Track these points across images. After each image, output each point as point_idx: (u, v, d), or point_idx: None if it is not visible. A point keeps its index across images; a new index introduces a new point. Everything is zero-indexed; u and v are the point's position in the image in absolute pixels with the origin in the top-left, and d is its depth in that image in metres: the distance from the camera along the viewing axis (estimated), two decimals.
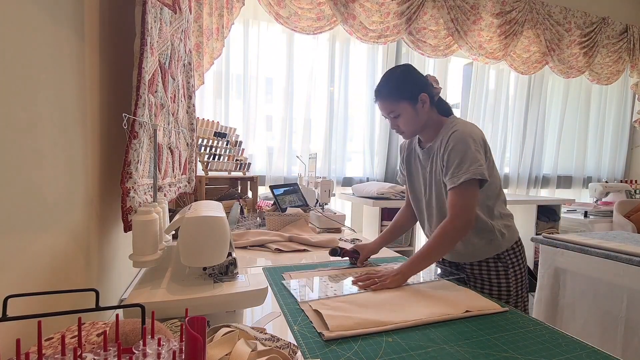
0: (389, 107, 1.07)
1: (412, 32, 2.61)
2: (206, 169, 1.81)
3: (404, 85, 1.07)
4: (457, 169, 0.97)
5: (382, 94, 1.08)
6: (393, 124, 1.10)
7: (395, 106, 1.06)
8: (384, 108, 1.09)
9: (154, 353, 0.40)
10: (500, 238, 1.09)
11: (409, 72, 1.10)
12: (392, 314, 0.77)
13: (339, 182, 2.66)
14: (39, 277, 0.53)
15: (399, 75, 1.09)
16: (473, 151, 0.98)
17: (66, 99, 0.61)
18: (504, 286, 1.10)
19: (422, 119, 1.08)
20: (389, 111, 1.08)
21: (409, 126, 1.08)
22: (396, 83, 1.08)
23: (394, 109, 1.06)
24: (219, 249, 0.68)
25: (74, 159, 0.65)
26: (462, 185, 0.96)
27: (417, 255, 0.99)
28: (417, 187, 1.19)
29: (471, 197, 0.97)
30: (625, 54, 3.41)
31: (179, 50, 1.15)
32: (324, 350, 0.63)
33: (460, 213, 0.96)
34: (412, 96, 1.05)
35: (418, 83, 1.08)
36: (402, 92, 1.06)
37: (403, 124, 1.08)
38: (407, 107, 1.06)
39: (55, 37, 0.57)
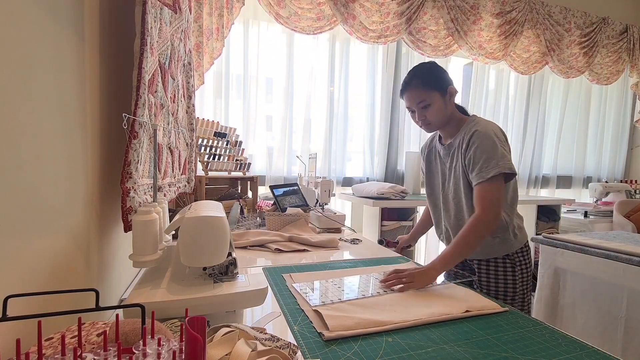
0: (421, 95, 1.09)
1: (412, 32, 2.61)
2: (206, 169, 1.81)
3: (436, 76, 1.11)
4: (486, 163, 0.99)
5: (414, 83, 1.11)
6: (420, 115, 1.12)
7: (427, 95, 1.09)
8: (415, 97, 1.10)
9: (154, 353, 0.40)
10: (513, 238, 1.11)
11: (438, 67, 1.14)
12: (392, 314, 0.77)
13: (339, 182, 2.66)
14: (39, 277, 0.53)
15: (430, 67, 1.13)
16: (499, 147, 1.01)
17: (66, 99, 0.61)
18: (510, 285, 1.11)
19: (449, 112, 1.12)
20: (419, 100, 1.10)
21: (437, 117, 1.11)
22: (429, 73, 1.11)
23: (425, 98, 1.09)
24: (219, 249, 0.68)
25: (74, 159, 0.65)
26: (491, 180, 0.98)
27: (447, 252, 0.98)
28: (435, 182, 1.23)
29: (499, 191, 1.00)
30: (625, 54, 3.41)
31: (179, 50, 1.15)
32: (324, 350, 0.63)
33: (490, 206, 0.98)
34: (443, 87, 1.09)
35: (446, 77, 1.12)
36: (434, 81, 1.10)
37: (432, 114, 1.10)
38: (438, 98, 1.09)
39: (56, 37, 0.57)
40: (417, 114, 1.13)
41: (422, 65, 1.16)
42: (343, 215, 1.75)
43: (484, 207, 0.99)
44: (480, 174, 1.00)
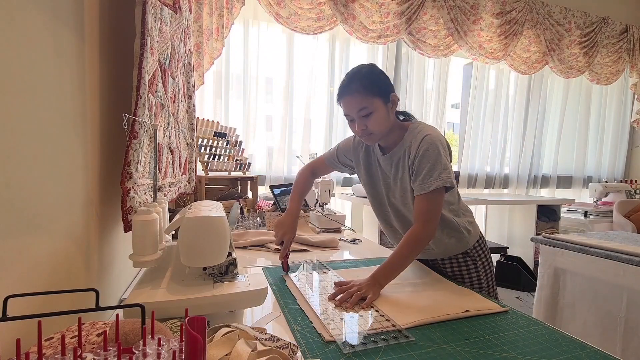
0: (362, 102, 0.97)
1: (412, 32, 2.61)
2: (206, 169, 1.81)
3: (378, 82, 1.00)
4: (428, 175, 0.95)
5: (353, 88, 0.98)
6: (360, 124, 0.99)
7: (368, 102, 0.97)
8: (355, 104, 0.98)
9: (154, 353, 0.40)
10: (467, 235, 1.12)
11: (380, 71, 1.04)
12: (393, 315, 0.77)
13: (339, 182, 2.66)
14: (39, 277, 0.53)
15: (372, 70, 1.02)
16: (443, 158, 0.97)
17: (66, 99, 0.61)
18: (475, 278, 1.14)
19: (391, 121, 1.02)
20: (360, 107, 0.97)
21: (379, 126, 0.99)
22: (371, 78, 1.00)
23: (366, 105, 0.97)
24: (219, 249, 0.68)
25: (74, 159, 0.65)
26: (432, 192, 0.95)
27: (390, 262, 0.95)
28: (380, 191, 1.15)
29: (439, 204, 0.98)
30: (625, 54, 3.41)
31: (179, 50, 1.15)
32: (324, 350, 0.63)
33: (431, 218, 0.96)
34: (385, 94, 0.99)
35: (389, 82, 1.03)
36: (376, 87, 0.99)
37: (374, 123, 0.98)
38: (381, 105, 0.98)
39: (56, 37, 0.57)
40: (357, 123, 1.00)
41: (362, 67, 1.04)
42: (343, 215, 1.75)
43: (422, 221, 0.95)
44: (422, 185, 0.96)
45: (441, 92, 2.91)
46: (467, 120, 3.09)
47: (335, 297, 0.85)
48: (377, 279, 0.90)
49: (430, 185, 0.95)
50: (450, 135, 4.45)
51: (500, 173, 3.24)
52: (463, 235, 1.11)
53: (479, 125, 3.10)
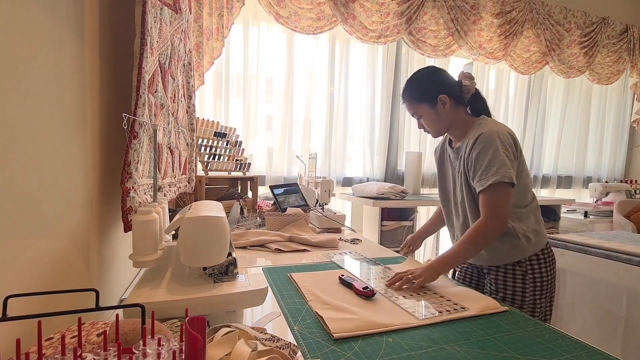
0: (411, 109, 1.14)
1: (412, 32, 2.61)
2: (206, 169, 1.81)
3: (421, 89, 1.11)
4: (485, 171, 0.97)
5: (404, 96, 1.15)
6: (419, 124, 1.16)
7: (415, 108, 1.12)
8: (408, 110, 1.15)
9: (154, 353, 0.40)
10: (525, 243, 1.05)
11: (428, 74, 1.13)
12: (394, 316, 0.77)
13: (339, 182, 2.66)
14: (39, 277, 0.53)
15: (418, 78, 1.14)
16: (501, 153, 0.97)
17: (66, 99, 0.61)
18: (519, 292, 1.06)
19: (446, 119, 1.10)
20: (412, 112, 1.15)
21: (431, 126, 1.12)
22: (415, 86, 1.13)
23: (415, 111, 1.13)
24: (219, 249, 0.68)
25: (74, 158, 0.65)
26: (491, 188, 0.96)
27: (449, 253, 0.99)
28: (447, 186, 1.20)
29: (502, 199, 0.97)
30: (625, 54, 3.41)
31: (179, 50, 1.15)
32: (324, 351, 0.63)
33: (494, 213, 0.96)
34: (431, 98, 1.09)
35: (438, 84, 1.10)
36: (420, 94, 1.11)
37: (426, 124, 1.13)
38: (427, 109, 1.10)
39: (55, 37, 0.57)
40: (417, 122, 1.17)
41: (412, 76, 1.15)
42: (343, 215, 1.75)
43: (487, 214, 0.97)
44: (479, 182, 0.98)
45: None
46: None
47: (392, 283, 0.93)
48: (433, 265, 0.96)
49: (488, 180, 0.96)
50: None
51: None
52: (519, 243, 1.04)
53: None
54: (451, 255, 0.99)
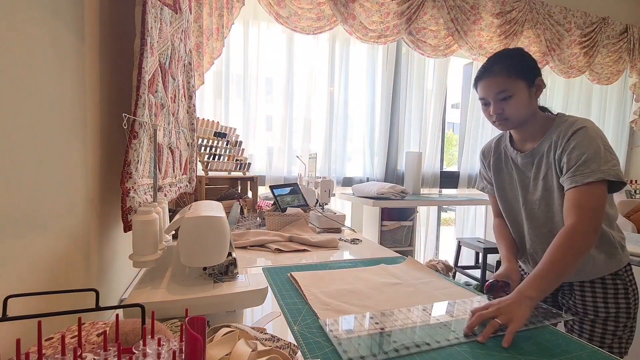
0: (503, 84, 0.91)
1: (412, 32, 2.61)
2: (206, 169, 1.81)
3: (524, 63, 0.94)
4: (584, 166, 0.83)
5: (496, 69, 0.93)
6: (497, 107, 0.93)
7: (511, 84, 0.91)
8: (494, 85, 0.93)
9: (154, 353, 0.40)
10: (621, 252, 0.94)
11: (528, 54, 0.96)
12: (393, 315, 0.77)
13: (339, 182, 2.66)
14: (39, 277, 0.53)
15: (519, 52, 0.96)
16: (603, 150, 0.83)
17: (66, 99, 0.61)
18: (623, 308, 0.92)
19: (532, 108, 0.94)
20: (500, 89, 0.92)
21: (517, 112, 0.92)
22: (516, 59, 0.94)
23: (508, 87, 0.91)
24: (219, 249, 0.68)
25: (74, 158, 0.65)
26: (590, 185, 0.81)
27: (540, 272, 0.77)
28: (511, 195, 1.05)
29: (599, 199, 0.81)
30: (625, 54, 3.41)
31: (179, 50, 1.15)
32: (324, 351, 0.63)
33: (588, 215, 0.80)
34: (531, 77, 0.92)
35: (536, 66, 0.95)
36: (522, 69, 0.92)
37: (513, 108, 0.92)
38: (523, 89, 0.91)
39: (55, 37, 0.57)
40: (493, 106, 0.94)
41: (510, 49, 0.97)
42: (343, 215, 1.75)
43: (579, 216, 0.80)
44: (574, 178, 0.83)
45: (441, 92, 2.91)
46: (467, 120, 3.09)
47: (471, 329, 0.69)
48: (524, 292, 0.74)
49: (587, 177, 0.81)
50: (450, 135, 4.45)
51: None
52: (616, 251, 0.93)
53: (479, 125, 3.10)
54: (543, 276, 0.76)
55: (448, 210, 5.47)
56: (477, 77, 0.97)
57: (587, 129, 0.87)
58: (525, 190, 1.00)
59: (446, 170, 3.14)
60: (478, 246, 2.67)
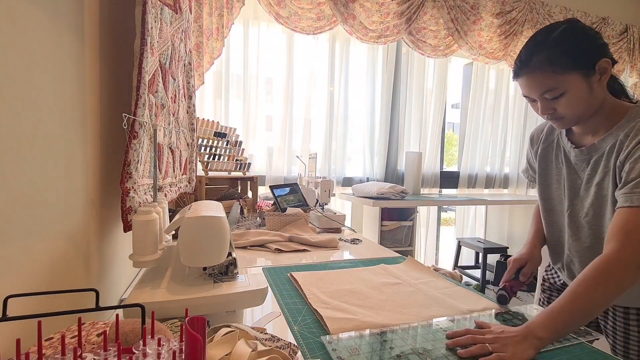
0: (547, 82, 0.71)
1: (412, 32, 2.61)
2: (206, 169, 1.81)
3: (575, 49, 0.70)
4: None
5: (535, 63, 0.72)
6: (546, 107, 0.75)
7: (559, 81, 0.71)
8: (537, 85, 0.73)
9: (154, 353, 0.40)
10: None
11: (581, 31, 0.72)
12: (393, 315, 0.77)
13: (339, 182, 2.66)
14: (39, 277, 0.53)
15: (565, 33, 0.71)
16: None
17: (66, 99, 0.61)
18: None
19: (598, 98, 0.74)
20: (545, 88, 0.72)
21: (575, 109, 0.73)
22: (563, 46, 0.70)
23: (555, 86, 0.71)
24: (219, 249, 0.68)
25: (74, 158, 0.65)
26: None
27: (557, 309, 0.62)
28: (556, 195, 0.89)
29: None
30: (625, 54, 3.41)
31: (179, 50, 1.15)
32: (324, 351, 0.63)
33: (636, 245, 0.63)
34: (588, 63, 0.70)
35: (597, 44, 0.72)
36: (572, 58, 0.70)
37: (566, 106, 0.72)
38: (578, 81, 0.70)
39: (55, 37, 0.57)
40: (541, 106, 0.76)
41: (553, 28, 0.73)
42: (343, 215, 1.75)
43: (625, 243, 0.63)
44: (631, 196, 0.66)
45: (441, 92, 2.91)
46: (467, 120, 3.09)
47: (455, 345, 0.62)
48: (533, 330, 0.60)
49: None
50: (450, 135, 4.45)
51: (500, 173, 3.24)
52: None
53: (479, 125, 3.10)
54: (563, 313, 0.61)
55: (448, 210, 5.47)
56: (515, 71, 0.78)
57: None
58: (573, 193, 0.84)
59: (446, 170, 3.14)
60: (478, 246, 2.68)
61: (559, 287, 1.01)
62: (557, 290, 1.02)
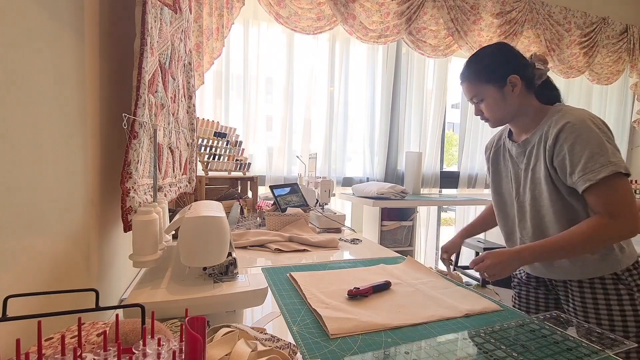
0: (472, 90, 0.98)
1: (412, 32, 2.61)
2: (206, 169, 1.81)
3: (490, 66, 0.95)
4: (592, 161, 0.79)
5: (466, 75, 0.99)
6: (476, 110, 1.01)
7: (479, 89, 0.96)
8: (467, 91, 1.00)
9: (154, 353, 0.40)
10: (618, 253, 0.89)
11: (499, 51, 0.97)
12: (392, 315, 0.77)
13: (339, 182, 2.66)
14: (39, 277, 0.53)
15: (487, 54, 0.97)
16: (604, 140, 0.81)
17: (66, 99, 0.61)
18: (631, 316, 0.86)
19: (512, 105, 0.94)
20: (471, 95, 0.99)
21: (493, 113, 0.97)
22: (482, 63, 0.96)
23: (477, 93, 0.97)
24: (219, 249, 0.68)
25: (74, 158, 0.65)
26: (607, 181, 0.78)
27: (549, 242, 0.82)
28: (505, 188, 1.05)
29: (624, 192, 0.79)
30: (625, 54, 3.41)
31: (179, 50, 1.15)
32: (324, 351, 0.63)
33: (621, 210, 0.77)
34: (499, 78, 0.93)
35: (509, 63, 0.94)
36: (486, 73, 0.95)
37: (487, 110, 0.97)
38: (492, 91, 0.94)
39: (55, 37, 0.57)
40: (474, 108, 1.02)
41: (479, 52, 0.99)
42: (343, 215, 1.75)
43: (610, 213, 0.78)
44: (585, 176, 0.80)
45: (441, 92, 2.91)
46: (467, 120, 3.09)
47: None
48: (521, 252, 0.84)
49: (599, 173, 0.78)
50: (450, 135, 4.45)
51: None
52: (612, 253, 0.88)
53: (479, 125, 3.10)
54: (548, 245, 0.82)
55: (448, 210, 5.46)
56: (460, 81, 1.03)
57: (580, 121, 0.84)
58: (517, 182, 1.00)
59: (446, 170, 3.14)
60: (478, 246, 2.67)
61: (526, 280, 1.12)
62: (525, 284, 1.13)
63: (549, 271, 0.99)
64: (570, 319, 0.79)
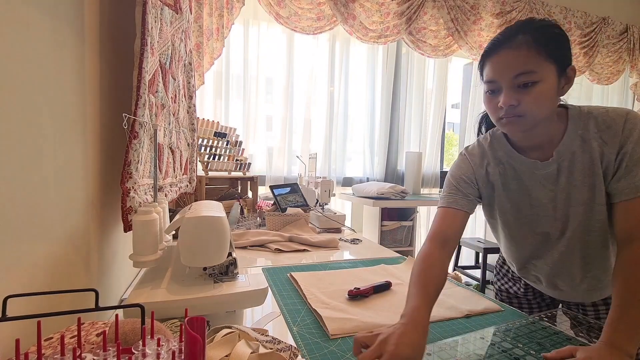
0: (528, 62, 0.65)
1: (412, 32, 2.61)
2: (206, 169, 1.81)
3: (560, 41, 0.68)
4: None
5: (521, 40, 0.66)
6: (510, 97, 0.67)
7: (539, 64, 0.65)
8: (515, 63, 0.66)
9: (154, 353, 0.40)
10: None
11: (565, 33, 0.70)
12: (393, 316, 0.77)
13: (339, 182, 2.67)
14: (39, 277, 0.53)
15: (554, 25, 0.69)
16: None
17: (66, 99, 0.61)
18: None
19: (555, 104, 0.71)
20: (523, 69, 0.65)
21: (541, 105, 0.67)
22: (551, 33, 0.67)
23: (533, 69, 0.65)
24: (219, 249, 0.68)
25: (74, 159, 0.65)
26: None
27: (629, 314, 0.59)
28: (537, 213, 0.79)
29: None
30: (625, 54, 3.41)
31: (179, 50, 1.15)
32: (324, 352, 0.63)
33: None
34: (563, 62, 0.68)
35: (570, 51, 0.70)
36: (555, 47, 0.67)
37: (533, 100, 0.66)
38: (552, 76, 0.67)
39: (55, 37, 0.57)
40: (505, 94, 0.68)
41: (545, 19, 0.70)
42: (343, 215, 1.75)
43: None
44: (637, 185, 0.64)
45: (441, 92, 2.92)
46: (467, 120, 3.09)
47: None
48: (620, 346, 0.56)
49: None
50: (450, 135, 4.45)
51: None
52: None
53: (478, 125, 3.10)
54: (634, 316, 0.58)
55: None
56: (489, 49, 0.70)
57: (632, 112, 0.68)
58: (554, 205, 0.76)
59: (446, 170, 3.14)
60: (478, 246, 2.67)
61: (521, 294, 0.98)
62: (516, 297, 0.99)
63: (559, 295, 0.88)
64: (576, 316, 0.73)
